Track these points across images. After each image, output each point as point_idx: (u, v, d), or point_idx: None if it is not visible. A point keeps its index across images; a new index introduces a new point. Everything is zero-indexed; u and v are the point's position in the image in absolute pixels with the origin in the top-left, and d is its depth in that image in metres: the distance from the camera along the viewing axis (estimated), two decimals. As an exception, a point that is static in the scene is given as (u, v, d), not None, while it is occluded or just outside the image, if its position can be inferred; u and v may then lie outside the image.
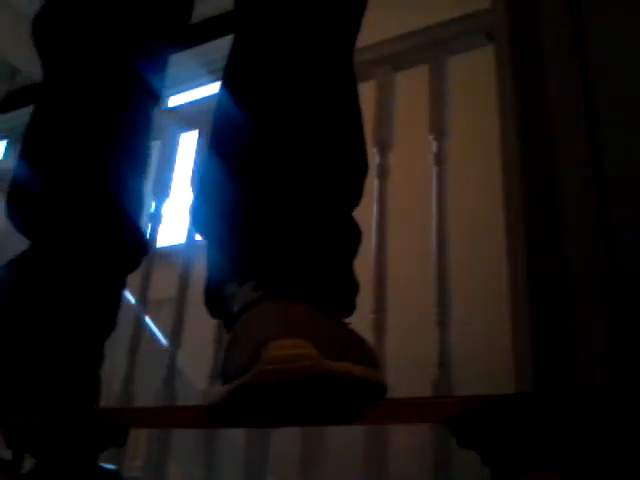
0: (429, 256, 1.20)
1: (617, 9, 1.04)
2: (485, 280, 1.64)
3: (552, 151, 1.02)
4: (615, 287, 0.89)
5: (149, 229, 1.53)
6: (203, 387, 1.35)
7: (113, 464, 1.02)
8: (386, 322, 1.17)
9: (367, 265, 1.17)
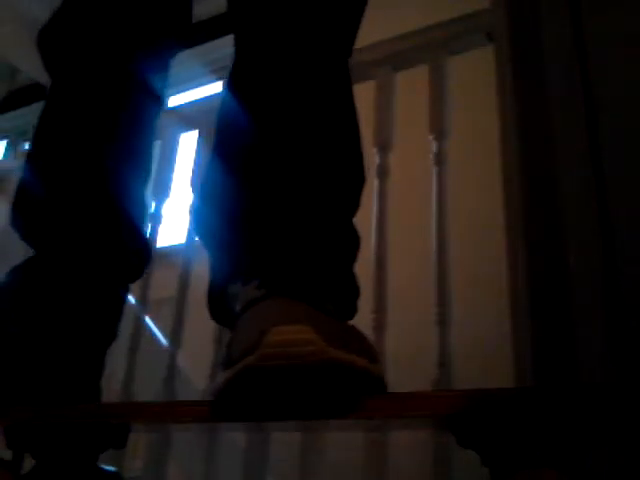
0: (429, 256, 1.20)
1: (617, 9, 1.04)
2: (485, 280, 1.64)
3: (552, 151, 1.02)
4: (615, 287, 0.89)
5: (149, 229, 1.53)
6: (203, 387, 1.35)
7: (113, 464, 1.02)
8: (386, 322, 1.17)
9: (367, 265, 1.17)
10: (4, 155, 3.81)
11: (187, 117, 1.67)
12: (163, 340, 1.68)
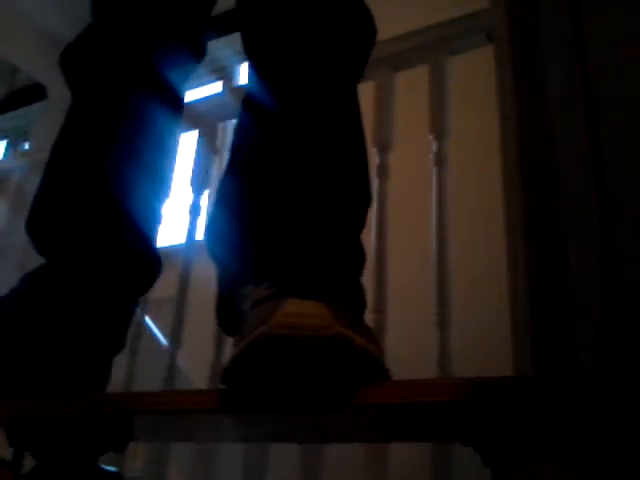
0: (429, 256, 1.20)
1: (617, 9, 1.04)
2: (485, 280, 1.64)
3: (552, 151, 1.02)
4: (615, 287, 0.89)
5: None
6: (203, 387, 1.35)
7: (113, 464, 1.02)
8: (386, 322, 1.18)
9: (367, 265, 1.16)
10: (4, 155, 3.81)
11: (187, 117, 1.67)
12: (163, 340, 1.68)
